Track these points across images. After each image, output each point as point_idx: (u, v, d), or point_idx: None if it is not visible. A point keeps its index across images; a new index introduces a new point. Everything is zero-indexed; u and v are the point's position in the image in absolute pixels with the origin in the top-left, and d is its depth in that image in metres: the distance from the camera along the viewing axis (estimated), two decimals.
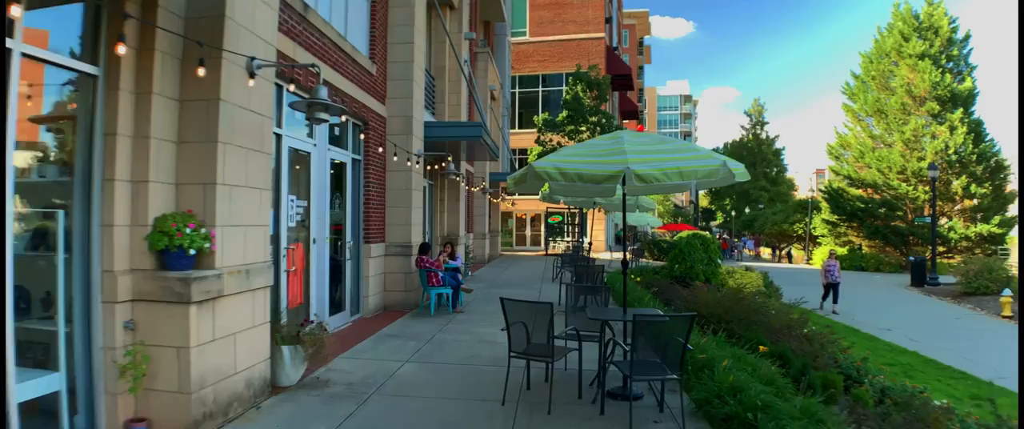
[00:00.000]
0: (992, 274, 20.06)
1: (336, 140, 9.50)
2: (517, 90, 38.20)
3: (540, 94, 38.85)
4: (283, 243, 7.45)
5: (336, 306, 9.58)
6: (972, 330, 16.21)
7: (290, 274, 7.66)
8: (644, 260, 25.81)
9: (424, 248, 10.67)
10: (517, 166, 34.26)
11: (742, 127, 74.09)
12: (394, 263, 11.02)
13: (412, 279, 11.04)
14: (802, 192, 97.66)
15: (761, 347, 7.29)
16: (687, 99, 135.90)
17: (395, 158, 10.81)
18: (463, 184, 17.03)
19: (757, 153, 63.91)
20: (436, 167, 12.97)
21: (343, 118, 8.26)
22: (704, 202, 72.95)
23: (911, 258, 25.18)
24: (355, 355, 7.60)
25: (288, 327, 6.20)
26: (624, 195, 5.95)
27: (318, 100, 5.10)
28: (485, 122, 12.91)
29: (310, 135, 8.49)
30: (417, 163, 11.27)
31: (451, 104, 16.07)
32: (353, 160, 10.08)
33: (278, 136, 7.38)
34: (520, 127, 37.83)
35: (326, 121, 5.23)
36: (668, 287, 14.99)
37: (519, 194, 16.16)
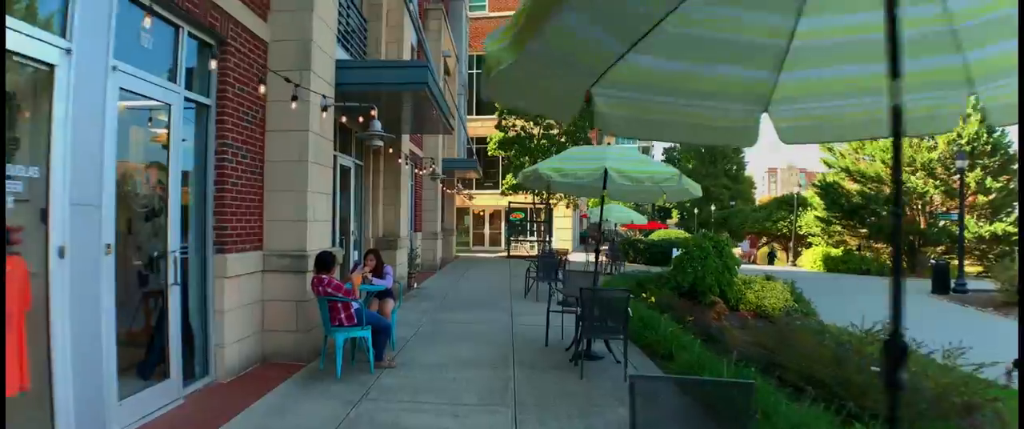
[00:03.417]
0: None
1: (146, 60, 5.03)
2: (474, 71, 33.77)
3: None
4: None
5: (158, 369, 5.17)
6: None
7: None
8: (625, 265, 21.74)
9: (323, 262, 6.22)
10: (475, 155, 29.93)
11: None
12: (278, 285, 6.61)
13: (310, 311, 6.65)
14: (760, 192, 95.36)
15: None
16: None
17: (293, 107, 6.39)
18: (405, 164, 12.57)
19: (718, 150, 61.83)
20: (356, 120, 8.42)
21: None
22: (660, 200, 69.93)
23: (933, 261, 21.76)
24: None
25: None
26: None
27: None
28: (433, 71, 8.52)
29: (63, 32, 4.04)
30: (320, 113, 6.86)
31: (390, 56, 11.66)
32: (192, 104, 5.65)
33: None
34: (478, 113, 33.46)
35: None
36: (692, 311, 11.01)
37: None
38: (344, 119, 7.86)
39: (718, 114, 2.63)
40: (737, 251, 42.19)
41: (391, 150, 11.58)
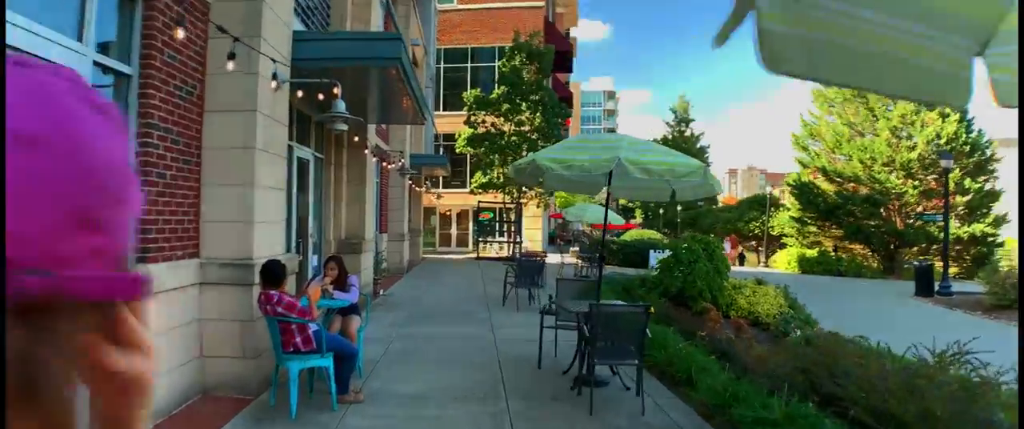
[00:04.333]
0: None
1: (38, 8, 3.79)
2: (442, 65, 32.54)
3: (469, 70, 33.33)
4: None
5: None
6: None
7: None
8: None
9: (271, 274, 4.98)
10: (443, 152, 28.75)
11: (667, 123, 71.08)
12: (220, 301, 5.37)
13: (259, 333, 5.44)
14: (723, 192, 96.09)
15: None
16: (611, 96, 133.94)
17: (230, 67, 5.17)
18: (371, 157, 11.32)
19: (682, 151, 61.35)
20: (316, 99, 7.16)
21: None
22: (622, 199, 69.31)
23: (916, 263, 21.30)
24: None
25: None
26: None
27: None
28: (406, 47, 7.35)
29: None
30: (271, 91, 5.65)
31: (356, 29, 10.44)
32: (108, 73, 4.43)
33: None
34: (445, 109, 32.23)
35: None
36: (690, 321, 10.12)
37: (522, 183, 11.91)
38: (301, 94, 6.61)
39: (926, 46, 1.56)
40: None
41: (356, 138, 10.33)
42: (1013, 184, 37.66)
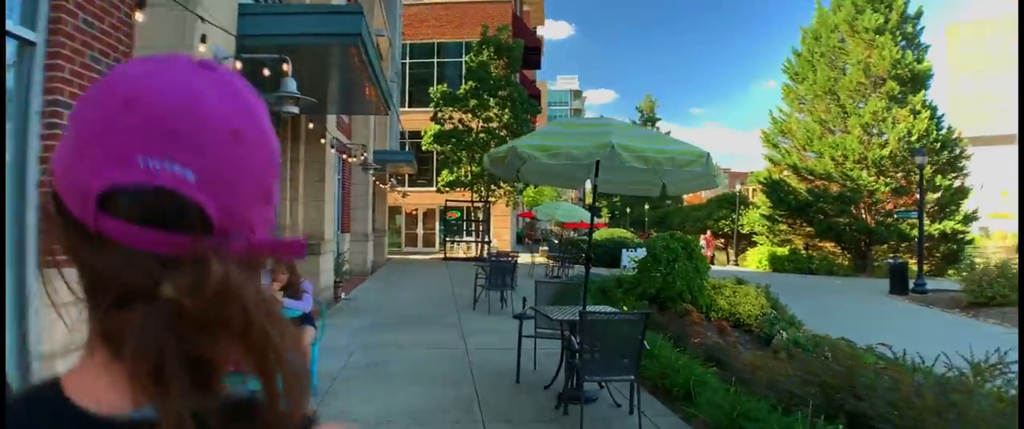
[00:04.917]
0: (1010, 280, 15.82)
1: None
2: (408, 61, 31.71)
3: (435, 66, 32.54)
4: None
5: None
6: None
7: None
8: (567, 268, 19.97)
9: None
10: (409, 149, 27.93)
11: (633, 123, 70.81)
12: None
13: None
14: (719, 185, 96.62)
15: None
16: (577, 95, 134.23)
17: (139, 19, 4.38)
18: (330, 149, 10.50)
19: None
20: (262, 75, 6.35)
21: None
22: (589, 198, 68.78)
23: (888, 260, 21.18)
24: None
25: None
26: None
27: None
28: (368, 26, 6.61)
29: None
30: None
31: None
32: (7, 38, 3.65)
33: None
34: (412, 106, 31.43)
35: None
36: (674, 324, 9.57)
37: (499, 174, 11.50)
38: (239, 65, 5.83)
39: None
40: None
41: (311, 125, 9.49)
42: (999, 182, 37.86)
